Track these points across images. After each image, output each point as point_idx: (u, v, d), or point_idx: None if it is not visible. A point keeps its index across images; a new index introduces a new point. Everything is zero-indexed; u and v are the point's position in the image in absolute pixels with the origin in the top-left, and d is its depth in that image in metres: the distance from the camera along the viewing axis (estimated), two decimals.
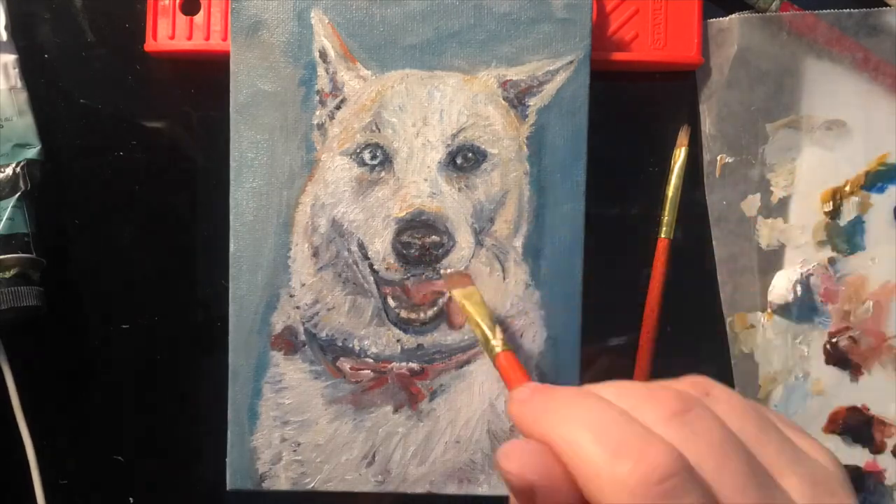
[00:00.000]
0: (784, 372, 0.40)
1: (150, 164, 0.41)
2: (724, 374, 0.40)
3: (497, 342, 0.31)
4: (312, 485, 0.36)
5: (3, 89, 0.38)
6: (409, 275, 0.36)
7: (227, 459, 0.36)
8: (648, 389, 0.23)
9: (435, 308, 0.36)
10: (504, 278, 0.36)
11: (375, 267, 0.36)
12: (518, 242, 0.36)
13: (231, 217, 0.36)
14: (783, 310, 0.40)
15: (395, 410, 0.36)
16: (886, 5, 0.40)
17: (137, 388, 0.41)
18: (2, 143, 0.37)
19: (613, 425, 0.22)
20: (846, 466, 0.27)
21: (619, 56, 0.39)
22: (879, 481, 0.40)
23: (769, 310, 0.40)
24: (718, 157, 0.40)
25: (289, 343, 0.36)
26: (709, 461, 0.21)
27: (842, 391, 0.40)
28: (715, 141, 0.40)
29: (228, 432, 0.36)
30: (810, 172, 0.40)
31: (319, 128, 0.36)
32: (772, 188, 0.40)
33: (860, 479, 0.40)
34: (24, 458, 0.38)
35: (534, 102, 0.36)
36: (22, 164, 0.38)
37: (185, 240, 0.41)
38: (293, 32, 0.36)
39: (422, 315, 0.36)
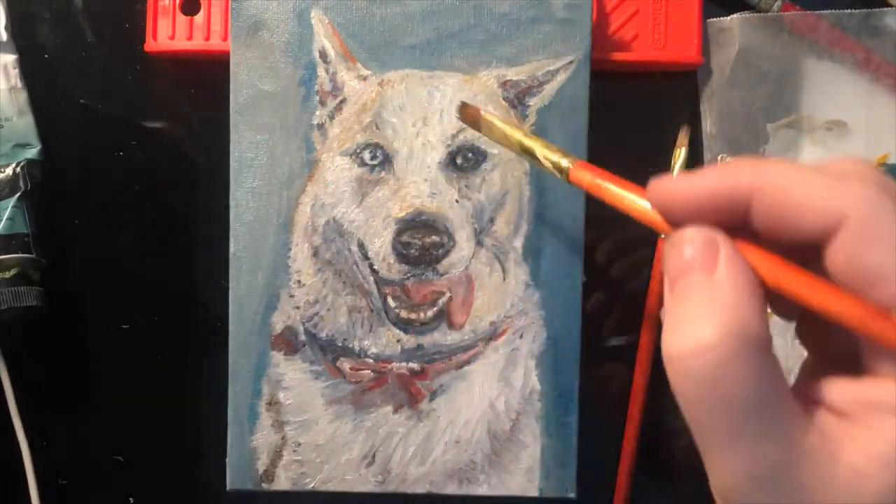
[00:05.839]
0: (784, 371, 0.40)
1: (150, 164, 0.41)
2: None
3: (561, 157, 0.27)
4: (312, 485, 0.36)
5: (3, 89, 0.38)
6: (409, 275, 0.36)
7: (227, 459, 0.36)
8: None
9: (435, 308, 0.36)
10: (504, 278, 0.36)
11: (375, 267, 0.36)
12: (518, 242, 0.36)
13: (231, 217, 0.36)
14: None
15: (395, 410, 0.36)
16: (888, 6, 0.40)
17: (137, 388, 0.41)
18: (2, 143, 0.37)
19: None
20: None
21: (619, 56, 0.39)
22: None
23: (769, 310, 0.40)
24: (719, 157, 0.40)
25: (289, 343, 0.36)
26: None
27: None
28: (716, 140, 0.40)
29: (228, 432, 0.36)
30: None
31: (319, 128, 0.36)
32: None
33: None
34: (22, 458, 0.38)
35: (534, 102, 0.36)
36: (22, 164, 0.38)
37: (185, 240, 0.41)
38: (293, 32, 0.36)
39: (422, 315, 0.36)
